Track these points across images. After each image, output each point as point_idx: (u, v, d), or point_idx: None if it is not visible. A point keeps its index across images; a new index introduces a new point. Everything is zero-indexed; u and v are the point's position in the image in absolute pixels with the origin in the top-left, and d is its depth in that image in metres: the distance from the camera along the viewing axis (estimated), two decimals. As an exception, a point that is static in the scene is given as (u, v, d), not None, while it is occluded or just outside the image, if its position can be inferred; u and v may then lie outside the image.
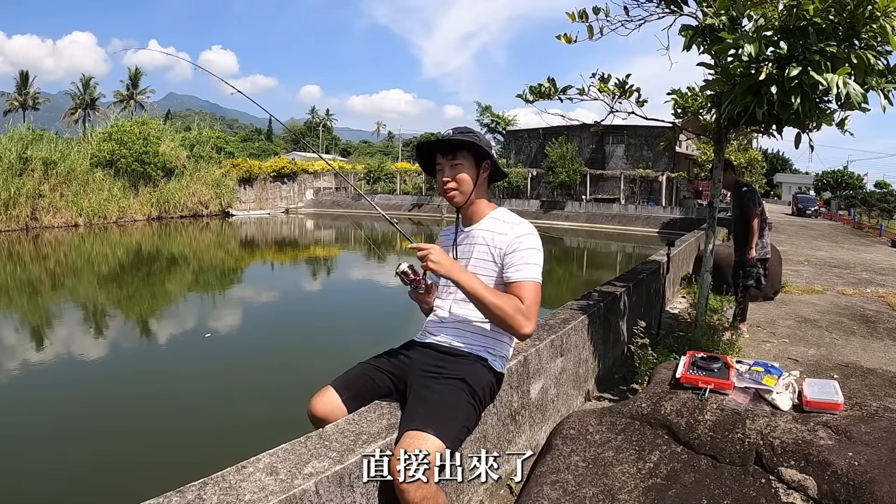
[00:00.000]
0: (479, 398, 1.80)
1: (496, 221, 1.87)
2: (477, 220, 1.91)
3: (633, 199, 31.89)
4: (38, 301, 10.80)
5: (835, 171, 51.96)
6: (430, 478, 1.51)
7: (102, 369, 6.52)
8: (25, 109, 51.17)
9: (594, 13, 3.14)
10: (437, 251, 1.69)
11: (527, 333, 1.72)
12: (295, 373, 5.71)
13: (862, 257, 11.53)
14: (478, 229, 1.89)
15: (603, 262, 19.60)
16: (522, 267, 1.76)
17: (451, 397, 1.72)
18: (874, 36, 2.51)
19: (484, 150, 1.84)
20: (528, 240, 1.80)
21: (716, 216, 3.74)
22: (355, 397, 1.87)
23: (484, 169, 1.88)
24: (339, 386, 1.90)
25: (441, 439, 1.56)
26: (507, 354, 1.94)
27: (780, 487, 1.73)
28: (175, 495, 1.30)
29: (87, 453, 4.21)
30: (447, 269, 1.68)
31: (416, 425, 1.58)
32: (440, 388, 1.73)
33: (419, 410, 1.64)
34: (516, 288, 1.74)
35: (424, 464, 1.50)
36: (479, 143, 1.83)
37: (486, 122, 46.97)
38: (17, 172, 22.46)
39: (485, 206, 1.92)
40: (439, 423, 1.59)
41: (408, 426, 1.59)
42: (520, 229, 1.82)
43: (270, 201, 36.32)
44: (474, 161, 1.85)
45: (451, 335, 1.89)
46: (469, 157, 1.84)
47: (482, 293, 1.68)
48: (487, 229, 1.87)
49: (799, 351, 4.35)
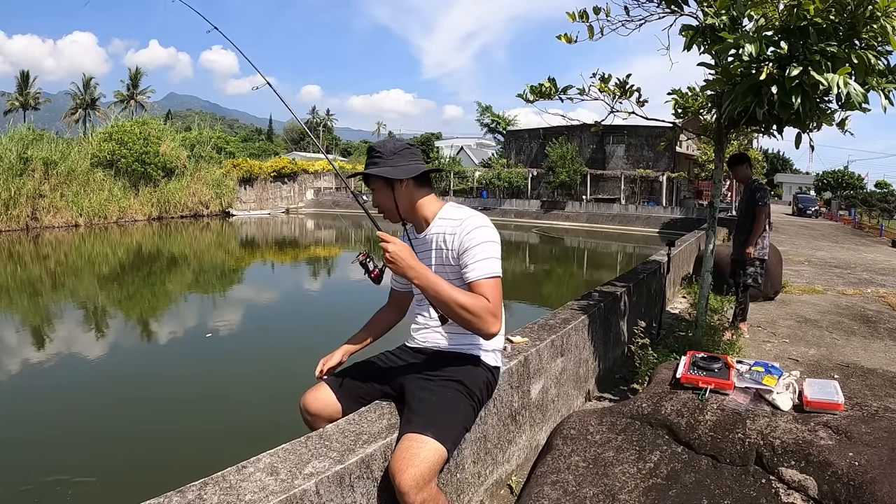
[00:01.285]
0: (477, 398, 1.80)
1: (444, 221, 1.81)
2: (427, 225, 1.85)
3: (633, 200, 31.88)
4: (38, 301, 10.80)
5: (835, 171, 51.97)
6: (431, 480, 1.51)
7: (103, 369, 6.52)
8: (26, 109, 51.20)
9: (594, 13, 3.14)
10: (398, 245, 1.62)
11: (494, 333, 1.67)
12: (295, 373, 5.71)
13: (862, 257, 11.53)
14: (430, 234, 1.84)
15: (603, 262, 19.59)
16: (477, 265, 1.69)
17: (449, 399, 1.72)
18: (875, 36, 2.51)
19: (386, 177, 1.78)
20: (479, 234, 1.73)
21: (716, 216, 3.74)
22: (350, 396, 1.88)
23: (399, 185, 1.80)
24: (334, 383, 1.91)
25: (440, 442, 1.56)
26: (499, 346, 1.92)
27: (780, 487, 1.73)
28: (175, 495, 1.30)
29: (87, 453, 4.21)
30: (403, 267, 1.61)
31: (414, 428, 1.58)
32: (438, 390, 1.73)
33: (418, 413, 1.64)
34: (476, 287, 1.68)
35: (425, 466, 1.50)
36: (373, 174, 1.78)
37: (487, 122, 46.95)
38: (17, 172, 22.47)
39: (429, 208, 1.85)
40: (438, 426, 1.60)
41: (407, 429, 1.60)
42: (468, 224, 1.75)
43: (271, 201, 36.32)
44: (385, 182, 1.80)
45: (438, 338, 1.87)
46: (380, 181, 1.81)
47: (445, 292, 1.62)
48: (438, 232, 1.82)
49: (799, 351, 4.35)
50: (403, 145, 1.83)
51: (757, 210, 4.55)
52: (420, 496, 1.47)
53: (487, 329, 1.64)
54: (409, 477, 1.47)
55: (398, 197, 1.81)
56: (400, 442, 1.56)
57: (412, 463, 1.49)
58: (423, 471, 1.49)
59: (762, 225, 4.55)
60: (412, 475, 1.47)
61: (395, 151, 1.80)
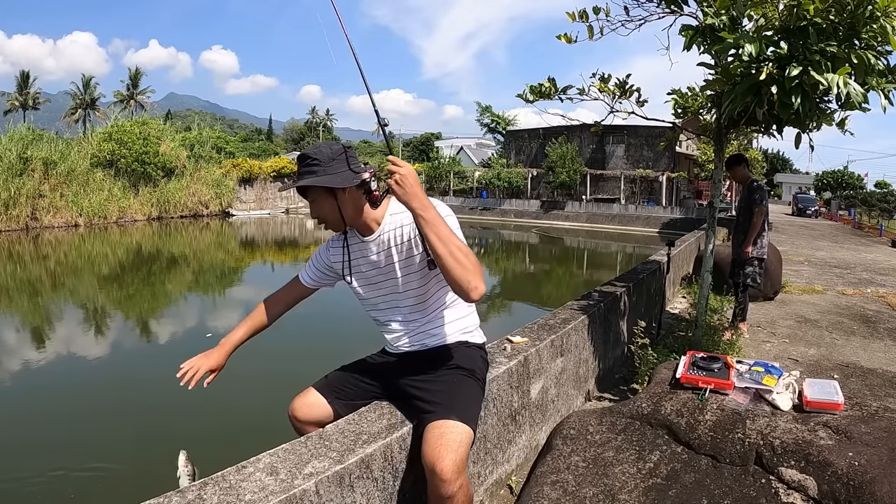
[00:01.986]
0: (480, 377, 1.81)
1: (397, 216, 1.72)
2: (377, 226, 1.74)
3: (633, 200, 31.88)
4: (37, 301, 10.80)
5: (835, 171, 51.99)
6: (466, 463, 1.52)
7: (102, 369, 6.52)
8: (26, 109, 51.20)
9: (594, 13, 3.14)
10: (408, 169, 1.46)
11: (479, 292, 1.47)
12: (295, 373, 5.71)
13: (862, 257, 11.53)
14: (383, 233, 1.74)
15: (603, 262, 19.58)
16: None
17: (458, 384, 1.72)
18: (874, 36, 2.51)
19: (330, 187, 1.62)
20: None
21: (716, 216, 3.74)
22: (340, 399, 1.86)
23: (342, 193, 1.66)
24: (323, 388, 1.89)
25: (467, 424, 1.57)
26: (477, 322, 1.89)
27: (780, 487, 1.73)
28: (175, 495, 1.30)
29: (87, 453, 4.20)
30: (410, 193, 1.45)
31: (439, 415, 1.58)
32: (445, 379, 1.73)
33: (436, 402, 1.64)
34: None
35: (462, 450, 1.51)
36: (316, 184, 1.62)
37: (487, 122, 46.95)
38: (17, 172, 22.44)
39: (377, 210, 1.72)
40: (461, 410, 1.61)
41: (430, 418, 1.59)
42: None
43: (271, 201, 36.30)
44: (326, 191, 1.66)
45: (423, 338, 1.81)
46: (319, 190, 1.66)
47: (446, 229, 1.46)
48: (394, 227, 1.72)
49: (799, 351, 4.35)
50: (340, 149, 1.67)
51: (754, 209, 4.57)
52: (459, 481, 1.47)
53: (476, 285, 1.44)
54: (451, 462, 1.46)
55: (343, 205, 1.67)
56: (429, 431, 1.55)
57: (451, 448, 1.49)
58: (461, 455, 1.50)
59: (759, 223, 4.56)
60: (453, 460, 1.47)
61: (334, 157, 1.64)
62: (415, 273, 1.73)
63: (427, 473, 1.51)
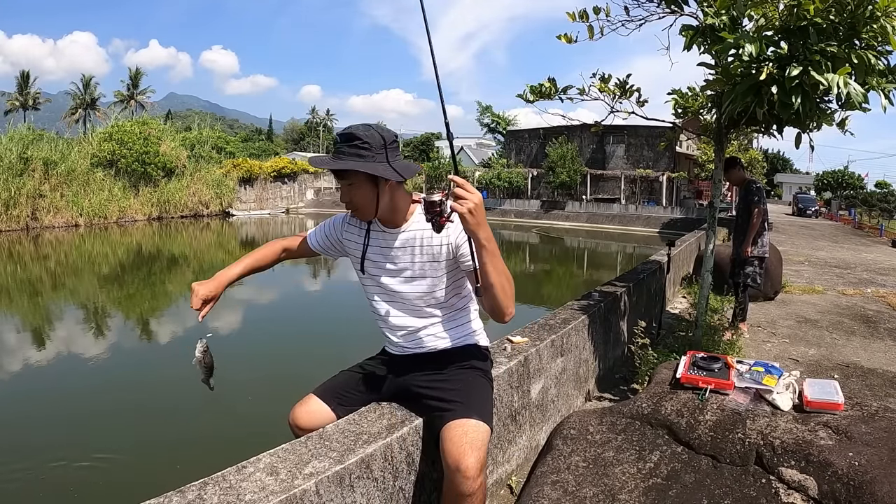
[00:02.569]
0: (490, 377, 1.84)
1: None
2: (403, 221, 1.68)
3: (633, 199, 31.88)
4: (38, 301, 10.80)
5: (835, 171, 51.94)
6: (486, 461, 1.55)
7: (103, 369, 6.52)
8: (26, 109, 51.19)
9: (594, 13, 3.14)
10: (481, 203, 1.39)
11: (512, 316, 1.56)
12: (296, 373, 5.71)
13: (862, 257, 11.53)
14: (410, 230, 1.67)
15: (603, 262, 19.58)
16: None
17: (472, 384, 1.73)
18: (875, 36, 2.51)
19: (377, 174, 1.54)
20: None
21: (716, 216, 3.74)
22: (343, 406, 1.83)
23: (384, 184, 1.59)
24: (324, 394, 1.85)
25: (485, 422, 1.60)
26: (481, 325, 1.90)
27: (780, 487, 1.73)
28: (175, 495, 1.30)
29: (87, 453, 4.20)
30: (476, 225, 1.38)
31: (459, 414, 1.59)
32: (459, 378, 1.74)
33: (453, 401, 1.65)
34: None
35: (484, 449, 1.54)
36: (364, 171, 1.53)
37: (487, 122, 46.98)
38: (17, 172, 22.46)
39: (406, 204, 1.67)
40: (478, 409, 1.63)
41: (450, 417, 1.60)
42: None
43: (271, 201, 36.31)
44: (368, 178, 1.57)
45: (433, 339, 1.77)
46: (362, 177, 1.57)
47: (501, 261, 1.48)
48: (423, 227, 1.62)
49: (799, 351, 4.35)
50: (392, 136, 1.57)
51: (752, 209, 4.57)
52: (480, 479, 1.50)
53: (512, 311, 1.53)
54: (475, 460, 1.49)
55: (381, 195, 1.60)
56: (450, 429, 1.56)
57: (475, 446, 1.51)
58: (483, 453, 1.53)
59: (757, 224, 4.56)
60: (477, 458, 1.50)
61: (387, 144, 1.55)
62: (428, 278, 1.69)
63: (449, 471, 1.51)
